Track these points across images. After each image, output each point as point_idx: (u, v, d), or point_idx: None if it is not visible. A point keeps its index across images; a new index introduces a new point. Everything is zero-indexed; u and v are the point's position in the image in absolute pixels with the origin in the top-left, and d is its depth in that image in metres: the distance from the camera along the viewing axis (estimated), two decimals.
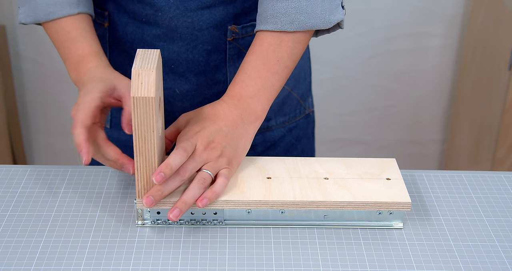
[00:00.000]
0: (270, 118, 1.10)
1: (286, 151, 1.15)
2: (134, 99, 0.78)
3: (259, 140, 1.10)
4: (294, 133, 1.15)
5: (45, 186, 0.93)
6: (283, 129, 1.13)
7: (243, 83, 0.91)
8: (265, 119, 1.09)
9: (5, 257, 0.81)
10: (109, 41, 1.05)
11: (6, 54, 1.98)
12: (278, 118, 1.11)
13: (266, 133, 1.11)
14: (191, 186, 0.83)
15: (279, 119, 1.11)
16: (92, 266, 0.79)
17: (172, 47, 1.00)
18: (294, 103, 1.13)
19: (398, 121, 2.16)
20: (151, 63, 0.79)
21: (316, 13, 0.91)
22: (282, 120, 1.12)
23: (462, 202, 0.93)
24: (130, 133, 0.84)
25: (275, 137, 1.12)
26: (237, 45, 1.01)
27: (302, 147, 1.18)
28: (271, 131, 1.11)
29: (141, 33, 1.01)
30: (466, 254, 0.83)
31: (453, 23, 2.00)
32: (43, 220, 0.87)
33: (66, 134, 2.14)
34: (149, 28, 1.00)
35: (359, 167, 0.92)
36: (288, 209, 0.86)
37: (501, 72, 1.72)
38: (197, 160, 0.84)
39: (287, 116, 1.12)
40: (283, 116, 1.12)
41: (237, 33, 1.01)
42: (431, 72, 2.08)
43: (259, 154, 1.12)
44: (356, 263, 0.81)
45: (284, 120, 1.12)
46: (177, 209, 0.82)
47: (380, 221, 0.87)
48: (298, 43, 0.93)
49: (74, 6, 0.95)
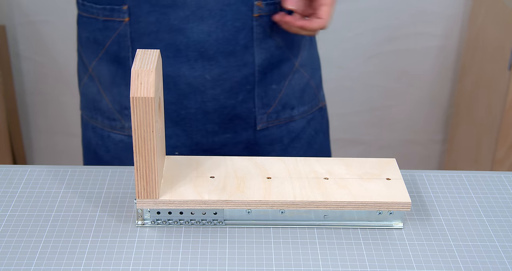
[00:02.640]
0: (293, 106, 1.10)
1: (308, 144, 1.15)
2: (133, 99, 0.78)
3: (284, 131, 1.11)
4: (312, 125, 1.15)
5: (45, 186, 0.93)
6: (303, 121, 1.13)
7: None
8: (289, 107, 1.10)
9: (5, 257, 0.81)
10: (131, 38, 1.02)
11: (6, 54, 1.98)
12: (300, 108, 1.12)
13: (290, 124, 1.11)
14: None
15: (300, 108, 1.12)
16: (92, 266, 0.80)
17: (201, 28, 0.99)
18: (311, 93, 1.14)
19: (398, 121, 2.16)
20: (151, 63, 0.79)
21: None
22: (302, 110, 1.12)
23: (462, 202, 0.93)
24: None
25: (298, 128, 1.12)
26: (263, 24, 1.02)
27: (320, 141, 1.18)
28: (294, 122, 1.12)
29: (167, 19, 0.99)
30: (466, 254, 0.83)
31: (453, 23, 2.00)
32: (43, 220, 0.87)
33: (66, 134, 2.14)
34: (175, 11, 0.98)
35: (359, 167, 0.92)
36: (288, 209, 0.86)
37: (501, 72, 1.72)
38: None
39: (306, 106, 1.13)
40: (303, 105, 1.12)
41: (263, 9, 1.01)
42: (431, 72, 2.08)
43: (286, 146, 1.12)
44: (356, 263, 0.81)
45: (304, 111, 1.13)
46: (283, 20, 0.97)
47: (380, 221, 0.87)
48: None
49: None
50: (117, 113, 1.08)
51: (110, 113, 1.09)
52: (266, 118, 1.08)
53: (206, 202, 0.85)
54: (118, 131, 1.09)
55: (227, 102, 1.05)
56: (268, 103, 1.07)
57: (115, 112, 1.08)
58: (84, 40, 1.08)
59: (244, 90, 1.05)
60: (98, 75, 1.08)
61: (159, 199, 0.84)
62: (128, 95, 1.05)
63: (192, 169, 0.90)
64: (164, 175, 0.89)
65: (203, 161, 0.92)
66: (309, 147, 1.15)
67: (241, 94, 1.05)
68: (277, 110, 1.09)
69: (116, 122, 1.09)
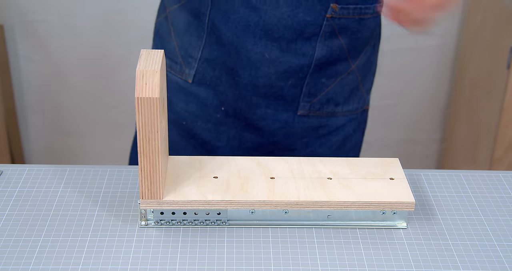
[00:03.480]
0: (339, 103, 1.14)
1: (344, 140, 1.18)
2: (138, 99, 0.78)
3: (323, 123, 1.14)
4: (353, 124, 1.18)
5: (43, 186, 0.93)
6: (346, 118, 1.16)
7: None
8: (333, 103, 1.13)
9: (3, 256, 0.81)
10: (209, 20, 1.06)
11: (4, 54, 1.98)
12: (345, 106, 1.15)
13: (331, 119, 1.14)
14: None
15: (345, 107, 1.15)
16: (91, 265, 0.79)
17: (274, 13, 1.03)
18: (359, 96, 1.17)
19: (396, 120, 2.16)
20: (155, 63, 0.79)
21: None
22: (347, 109, 1.16)
23: (460, 201, 0.93)
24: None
25: (338, 123, 1.15)
26: (333, 24, 1.05)
27: (355, 140, 1.21)
28: (335, 117, 1.15)
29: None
30: (473, 254, 0.83)
31: (452, 22, 2.01)
32: (41, 220, 0.87)
33: (65, 134, 2.14)
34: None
35: (362, 166, 0.92)
36: (292, 209, 0.86)
37: (499, 71, 1.73)
38: None
39: (351, 106, 1.16)
40: (348, 105, 1.15)
41: (336, 12, 1.04)
42: (429, 71, 2.08)
43: (319, 137, 1.15)
44: (364, 263, 0.81)
45: (348, 110, 1.16)
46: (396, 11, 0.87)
47: (384, 221, 0.88)
48: None
49: None
50: (180, 58, 1.12)
51: (173, 56, 1.14)
52: (308, 107, 1.12)
53: (210, 202, 0.85)
54: (177, 74, 1.14)
55: (277, 83, 1.09)
56: (314, 93, 1.11)
57: (179, 57, 1.13)
58: None
59: (296, 77, 1.09)
60: (172, 19, 1.13)
61: (163, 199, 0.84)
62: (195, 46, 1.10)
63: (196, 169, 0.90)
64: (168, 175, 0.88)
65: (206, 161, 0.92)
66: (343, 144, 1.19)
67: (292, 79, 1.09)
68: (322, 102, 1.12)
69: (176, 65, 1.14)
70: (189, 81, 1.12)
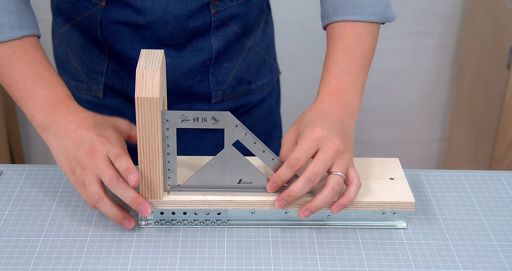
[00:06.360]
0: (250, 81, 1.15)
1: (268, 112, 1.20)
2: (138, 99, 0.78)
3: (241, 103, 1.15)
4: (273, 95, 1.21)
5: (43, 186, 0.93)
6: (264, 92, 1.18)
7: (338, 78, 0.92)
8: (245, 82, 1.14)
9: (3, 256, 0.81)
10: (101, 21, 1.05)
11: None
12: (258, 82, 1.16)
13: (248, 97, 1.16)
14: (326, 192, 0.82)
15: (258, 82, 1.16)
16: (99, 265, 0.79)
17: (166, 29, 1.03)
18: (268, 66, 1.18)
19: (396, 120, 2.16)
20: (156, 63, 0.79)
21: (388, 6, 0.97)
22: (261, 84, 1.17)
23: (460, 201, 0.93)
24: None
25: (256, 99, 1.17)
26: (221, 17, 1.05)
27: (280, 111, 1.24)
28: (252, 94, 1.16)
29: (135, 17, 1.03)
30: (473, 254, 0.83)
31: (452, 22, 2.01)
32: (41, 220, 0.87)
33: None
34: (144, 16, 1.02)
35: (362, 166, 0.92)
36: (292, 209, 0.86)
37: (499, 71, 1.73)
38: (327, 161, 0.82)
39: (264, 79, 1.17)
40: (261, 79, 1.17)
41: (218, 6, 1.05)
42: (430, 71, 2.08)
43: (240, 114, 1.16)
44: (364, 263, 0.81)
45: (263, 84, 1.17)
46: (308, 211, 0.82)
47: (384, 221, 0.87)
48: (373, 37, 0.96)
49: (16, 28, 0.92)
50: (84, 76, 1.12)
51: (77, 75, 1.13)
52: (221, 94, 1.12)
53: (210, 202, 0.85)
54: (84, 92, 1.13)
55: (185, 83, 1.10)
56: (222, 80, 1.11)
57: (83, 75, 1.12)
58: (55, 7, 1.12)
59: (201, 72, 1.09)
60: (67, 41, 1.12)
61: (163, 199, 0.84)
62: (99, 61, 1.09)
63: (195, 169, 0.90)
64: None
65: (206, 161, 0.92)
66: (269, 115, 1.20)
67: (198, 76, 1.10)
68: (233, 85, 1.13)
69: (82, 84, 1.13)
70: (100, 96, 1.12)
